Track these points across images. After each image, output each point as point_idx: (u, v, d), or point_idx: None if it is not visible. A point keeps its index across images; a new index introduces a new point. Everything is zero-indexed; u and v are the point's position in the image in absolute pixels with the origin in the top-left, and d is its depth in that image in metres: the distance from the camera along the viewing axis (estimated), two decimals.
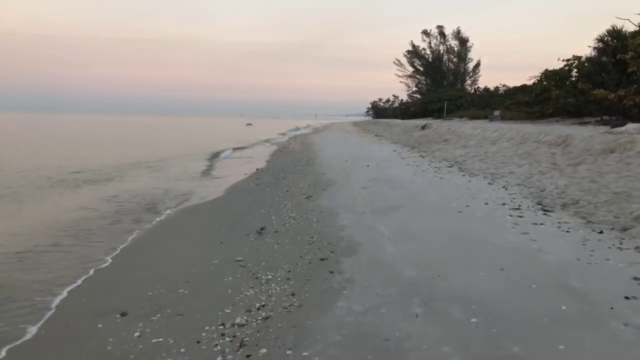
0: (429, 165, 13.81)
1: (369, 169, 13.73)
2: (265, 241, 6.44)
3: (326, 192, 10.18)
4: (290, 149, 25.67)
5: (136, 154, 22.17)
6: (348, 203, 8.75)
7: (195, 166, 17.95)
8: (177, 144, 31.86)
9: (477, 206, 7.69)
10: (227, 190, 11.62)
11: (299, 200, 9.44)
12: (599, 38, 27.91)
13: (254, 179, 13.52)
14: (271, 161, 18.96)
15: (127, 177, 14.53)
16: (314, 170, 14.60)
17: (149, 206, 9.87)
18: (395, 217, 7.33)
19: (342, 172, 13.41)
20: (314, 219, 7.56)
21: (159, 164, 18.39)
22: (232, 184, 12.64)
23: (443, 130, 25.06)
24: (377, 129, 43.71)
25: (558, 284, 4.24)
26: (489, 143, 16.85)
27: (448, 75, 77.85)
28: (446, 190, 9.34)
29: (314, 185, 11.40)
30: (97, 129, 59.76)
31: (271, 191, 10.87)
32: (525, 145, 14.42)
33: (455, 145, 18.54)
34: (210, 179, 14.39)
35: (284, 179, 13.07)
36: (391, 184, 10.61)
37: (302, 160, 18.05)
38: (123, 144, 31.67)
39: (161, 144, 32.29)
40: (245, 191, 11.19)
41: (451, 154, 16.31)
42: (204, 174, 15.51)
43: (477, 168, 12.24)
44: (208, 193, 11.35)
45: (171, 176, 14.94)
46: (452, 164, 13.70)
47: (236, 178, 13.93)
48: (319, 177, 12.70)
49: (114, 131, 54.02)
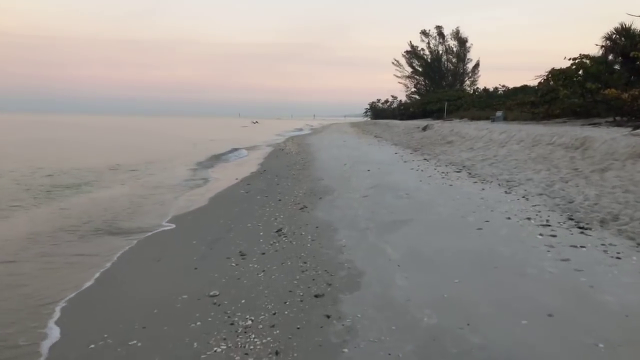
0: (435, 170, 12.72)
1: (370, 174, 12.64)
2: (249, 267, 5.34)
3: (323, 202, 9.08)
4: (287, 151, 24.56)
5: (122, 156, 21.03)
6: (348, 215, 7.65)
7: (181, 170, 16.82)
8: (166, 146, 30.71)
9: (498, 221, 6.60)
10: (213, 198, 10.50)
11: (292, 211, 8.34)
12: (607, 36, 26.92)
13: (244, 184, 12.41)
14: (265, 164, 17.84)
15: (99, 184, 13.30)
16: (310, 174, 13.50)
17: (114, 222, 8.69)
18: (404, 235, 6.23)
19: (340, 178, 12.32)
20: (308, 237, 6.46)
21: (144, 167, 17.24)
22: (219, 191, 11.52)
23: (446, 132, 23.99)
24: (377, 130, 42.64)
25: (634, 342, 3.15)
26: (497, 145, 15.78)
27: (447, 76, 76.97)
28: (459, 200, 8.25)
29: (309, 192, 10.30)
30: (92, 130, 58.52)
31: (262, 200, 9.77)
32: (538, 148, 13.34)
33: (461, 147, 17.46)
34: (196, 185, 13.27)
35: (278, 184, 11.97)
36: (395, 191, 9.52)
37: (298, 164, 16.95)
38: (112, 146, 30.49)
39: (150, 146, 31.12)
40: (233, 200, 10.07)
41: (457, 157, 15.23)
42: (190, 179, 14.37)
43: (489, 173, 11.16)
44: (190, 202, 10.21)
45: (151, 182, 13.80)
46: (460, 169, 12.61)
47: (225, 183, 12.81)
48: (316, 183, 11.60)
49: (109, 132, 52.79)
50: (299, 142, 32.19)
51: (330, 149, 23.07)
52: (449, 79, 76.16)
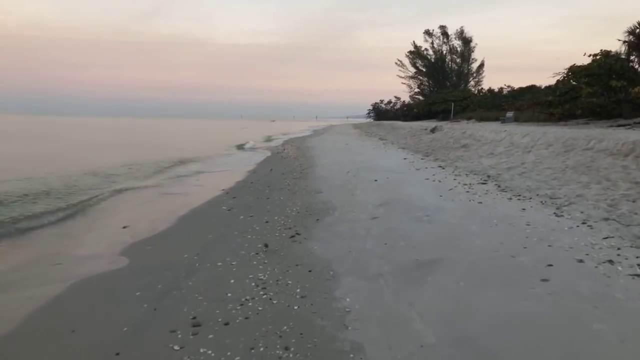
0: (455, 180, 10.76)
1: (378, 185, 10.70)
2: (200, 353, 3.40)
3: (320, 226, 7.14)
4: (284, 155, 22.62)
5: (103, 159, 19.12)
6: (353, 250, 5.71)
7: (160, 177, 14.89)
8: (157, 148, 28.80)
9: (568, 266, 4.64)
10: (184, 217, 8.55)
11: (279, 241, 6.39)
12: (630, 30, 24.96)
13: (229, 198, 10.47)
14: (258, 171, 15.90)
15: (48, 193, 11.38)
16: (308, 185, 11.56)
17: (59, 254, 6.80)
18: (435, 289, 4.28)
19: (342, 190, 10.37)
20: (296, 290, 4.50)
21: (117, 171, 15.32)
22: (195, 206, 9.57)
23: (457, 134, 22.02)
24: (381, 132, 40.67)
25: None
26: (521, 150, 13.81)
27: (451, 76, 75.13)
28: (498, 228, 6.29)
29: (304, 211, 8.36)
30: (88, 131, 56.70)
31: (245, 221, 7.83)
32: (574, 155, 11.38)
33: (479, 152, 15.49)
34: (172, 195, 11.35)
35: (268, 198, 10.03)
36: (412, 211, 7.57)
37: (295, 171, 15.01)
38: (99, 147, 28.59)
39: (141, 148, 29.18)
40: (208, 220, 8.12)
41: (477, 164, 13.26)
42: (166, 188, 12.44)
43: (523, 187, 9.19)
44: (153, 222, 8.25)
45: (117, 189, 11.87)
46: (484, 179, 10.65)
47: (206, 196, 10.86)
48: (313, 198, 9.65)
49: (104, 133, 50.95)
50: (299, 144, 30.25)
51: (332, 153, 21.13)
52: (453, 80, 74.33)
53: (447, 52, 74.14)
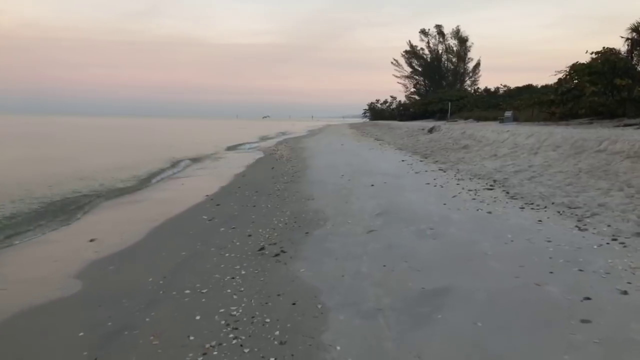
0: (459, 185, 9.91)
1: (375, 191, 9.84)
2: None
3: (309, 241, 6.25)
4: (277, 156, 21.70)
5: (89, 160, 18.14)
6: (347, 274, 4.82)
7: (144, 180, 13.96)
8: (147, 149, 27.79)
9: (611, 301, 3.77)
10: (160, 228, 7.64)
11: (260, 262, 5.49)
12: (633, 27, 24.24)
13: (212, 205, 9.57)
14: (247, 174, 14.99)
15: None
16: (299, 190, 10.68)
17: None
18: (447, 334, 3.41)
19: (336, 196, 9.50)
20: (274, 333, 3.61)
21: (100, 173, 14.38)
22: (174, 215, 8.66)
23: (456, 134, 21.20)
24: (377, 132, 39.82)
25: None
26: (527, 152, 12.98)
27: (447, 76, 74.62)
28: (514, 244, 5.43)
29: (293, 222, 7.48)
30: (80, 131, 55.53)
31: (225, 234, 6.94)
32: (585, 157, 10.55)
33: (481, 154, 14.65)
34: (153, 202, 10.44)
35: (254, 206, 9.14)
36: (414, 223, 6.71)
37: (287, 174, 14.12)
38: (87, 148, 27.55)
39: (130, 149, 28.16)
40: (184, 233, 7.22)
41: (481, 166, 12.42)
42: (148, 192, 11.52)
43: (535, 193, 8.34)
44: (124, 233, 7.32)
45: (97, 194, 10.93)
46: (491, 184, 9.80)
47: (188, 202, 9.94)
48: (303, 206, 8.77)
49: (96, 133, 49.81)
50: (293, 145, 29.35)
51: (326, 154, 20.25)
52: (449, 79, 73.82)
53: (443, 52, 73.63)
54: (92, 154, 23.22)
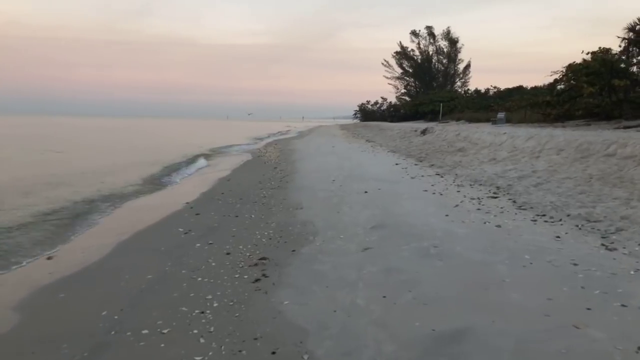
0: (460, 193, 9.14)
1: (369, 199, 9.04)
2: None
3: (296, 261, 5.41)
4: (265, 158, 20.84)
5: (68, 164, 17.11)
6: (339, 308, 3.99)
7: (122, 185, 13.01)
8: (133, 151, 26.75)
9: None
10: (127, 243, 6.75)
11: (237, 290, 4.64)
12: (630, 27, 23.79)
13: (191, 214, 8.70)
14: (233, 178, 14.12)
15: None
16: (286, 198, 9.85)
17: None
18: None
19: (326, 205, 8.69)
20: None
21: (75, 178, 13.39)
22: (147, 226, 7.77)
23: (450, 136, 20.51)
24: (368, 134, 39.11)
25: None
26: (528, 156, 12.28)
27: (437, 77, 74.27)
28: (535, 268, 4.65)
29: (278, 236, 6.65)
30: (65, 131, 54.00)
31: (201, 251, 6.09)
32: (594, 162, 9.86)
33: (479, 157, 13.93)
34: (126, 210, 9.52)
35: (237, 216, 8.28)
36: (414, 238, 5.91)
37: (274, 179, 13.28)
38: (72, 150, 26.40)
39: (114, 151, 27.07)
40: (155, 249, 6.34)
41: (480, 171, 11.68)
42: (123, 199, 10.58)
43: (545, 203, 7.59)
44: (88, 249, 6.43)
45: (55, 205, 9.97)
46: (494, 191, 9.04)
47: (165, 211, 9.05)
48: (290, 217, 7.94)
49: (84, 134, 48.42)
50: (282, 147, 28.50)
51: (317, 157, 19.43)
52: (440, 80, 73.48)
53: (433, 53, 73.27)
54: (69, 158, 22.15)
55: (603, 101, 22.38)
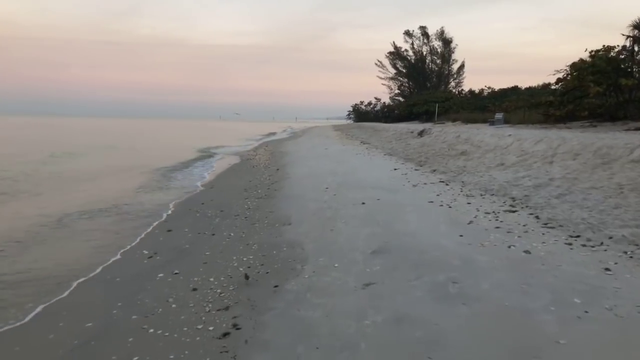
0: (471, 205, 7.98)
1: (367, 212, 7.87)
2: None
3: (278, 304, 4.22)
4: (254, 162, 19.62)
5: (45, 169, 15.79)
6: None
7: (96, 195, 11.73)
8: (118, 154, 25.39)
9: None
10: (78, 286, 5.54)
11: (196, 352, 3.46)
12: (635, 24, 22.85)
13: (162, 231, 7.52)
14: (216, 185, 12.90)
15: None
16: (273, 210, 8.66)
17: None
18: None
19: (318, 220, 7.51)
20: None
21: (52, 187, 12.10)
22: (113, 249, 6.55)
23: (450, 138, 19.39)
24: (363, 135, 37.97)
25: None
26: (540, 161, 11.16)
27: (431, 77, 73.30)
28: (593, 321, 3.50)
29: (258, 265, 5.46)
30: (42, 131, 52.32)
31: (161, 285, 4.90)
32: (619, 169, 8.75)
33: (484, 162, 12.81)
34: (85, 227, 8.27)
35: (213, 234, 7.10)
36: (427, 268, 4.75)
37: (262, 185, 12.09)
38: (57, 155, 24.94)
39: (100, 154, 25.69)
40: (106, 281, 5.13)
41: (489, 178, 10.54)
42: (86, 216, 9.31)
43: (574, 219, 6.44)
44: (29, 289, 5.23)
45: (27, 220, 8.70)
46: (511, 204, 7.90)
47: (134, 229, 7.83)
48: (276, 235, 6.76)
49: (72, 135, 46.79)
50: (273, 149, 27.28)
51: (309, 160, 18.24)
52: (434, 81, 72.53)
53: (427, 53, 72.27)
54: (58, 161, 20.77)
55: (607, 101, 21.41)
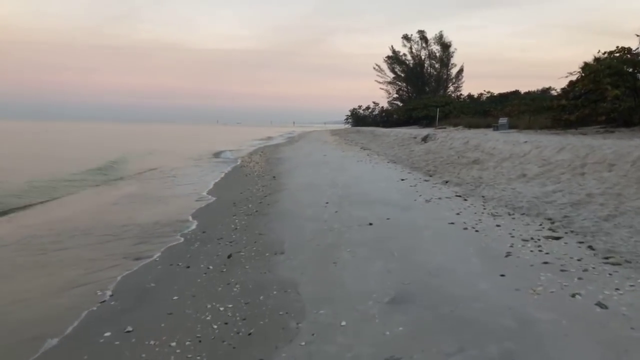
0: (501, 229, 6.61)
1: (376, 236, 6.51)
2: None
3: None
4: (248, 170, 18.26)
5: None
6: None
7: (58, 213, 10.34)
8: (103, 158, 23.98)
9: None
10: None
11: None
12: None
13: (127, 260, 6.13)
14: (201, 199, 11.52)
15: None
16: (264, 232, 7.29)
17: None
18: None
19: (317, 249, 6.14)
20: None
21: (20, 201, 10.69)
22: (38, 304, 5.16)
23: (458, 144, 18.08)
24: (362, 140, 36.67)
25: None
26: (568, 172, 9.83)
27: (430, 82, 72.29)
28: None
29: (239, 317, 4.09)
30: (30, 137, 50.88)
31: (104, 354, 3.52)
32: None
33: (503, 172, 11.46)
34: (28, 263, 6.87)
35: (188, 267, 5.75)
36: (469, 333, 3.39)
37: (254, 199, 10.72)
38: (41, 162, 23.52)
39: (87, 161, 24.25)
40: (34, 338, 3.75)
41: (512, 192, 9.19)
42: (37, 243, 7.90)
43: None
44: None
45: None
46: (551, 228, 6.53)
47: (89, 258, 6.45)
48: (265, 270, 5.38)
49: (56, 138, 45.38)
50: (269, 155, 25.93)
51: (306, 168, 16.88)
52: (432, 85, 71.52)
53: (426, 57, 71.26)
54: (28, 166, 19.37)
55: (620, 105, 20.15)
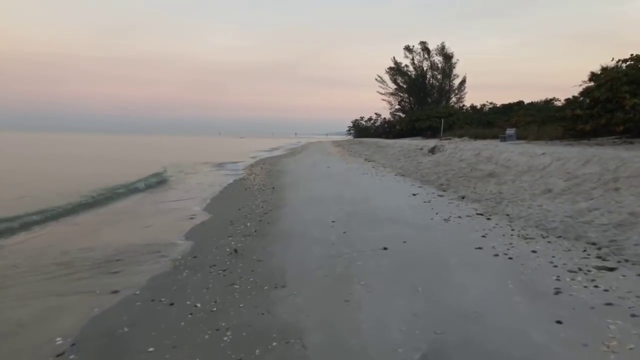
0: (538, 256, 5.66)
1: (394, 265, 5.57)
2: None
3: None
4: (248, 183, 17.35)
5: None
6: None
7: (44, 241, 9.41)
8: (97, 173, 23.11)
9: None
10: None
11: None
12: None
13: (103, 293, 5.20)
14: (196, 217, 10.60)
15: None
16: (263, 257, 6.35)
17: None
18: None
19: (325, 278, 5.21)
20: None
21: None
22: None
23: (469, 156, 17.17)
24: (366, 151, 35.77)
25: None
26: (600, 187, 8.90)
27: (432, 93, 71.75)
28: None
29: None
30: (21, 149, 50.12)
31: None
32: None
33: (523, 186, 10.52)
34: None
35: (172, 304, 4.82)
36: None
37: (253, 216, 9.79)
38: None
39: (81, 177, 23.40)
40: None
41: (540, 210, 8.25)
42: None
43: None
44: None
45: None
46: (599, 255, 5.58)
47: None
48: (263, 310, 4.44)
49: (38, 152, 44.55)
50: (270, 167, 25.03)
51: (309, 181, 15.96)
52: (435, 96, 70.97)
53: (428, 68, 70.82)
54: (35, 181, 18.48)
55: (637, 115, 19.27)
